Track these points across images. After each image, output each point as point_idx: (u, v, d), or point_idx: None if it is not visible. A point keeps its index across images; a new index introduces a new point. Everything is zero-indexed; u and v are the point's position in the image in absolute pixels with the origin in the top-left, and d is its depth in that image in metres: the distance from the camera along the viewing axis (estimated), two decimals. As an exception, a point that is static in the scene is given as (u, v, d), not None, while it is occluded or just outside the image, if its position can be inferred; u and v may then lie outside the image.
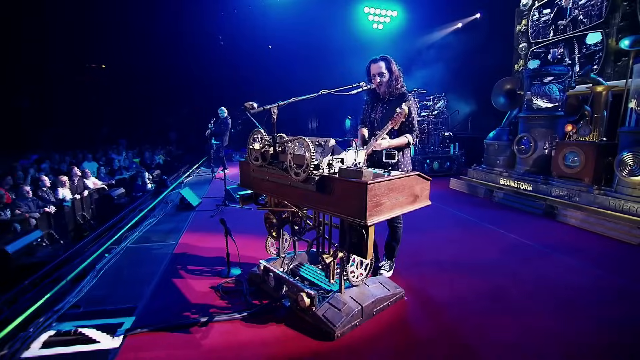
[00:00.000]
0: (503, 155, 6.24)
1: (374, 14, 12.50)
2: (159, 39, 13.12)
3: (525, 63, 8.69)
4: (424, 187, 2.32)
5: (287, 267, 2.93)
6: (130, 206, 5.93)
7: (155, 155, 12.16)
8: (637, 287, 2.90)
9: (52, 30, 11.94)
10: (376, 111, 2.82)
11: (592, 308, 2.59)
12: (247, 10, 12.68)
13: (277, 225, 2.67)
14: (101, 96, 14.29)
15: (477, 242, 3.99)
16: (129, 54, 13.59)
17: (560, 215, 4.74)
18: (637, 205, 4.13)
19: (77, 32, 12.27)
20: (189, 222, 4.89)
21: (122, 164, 10.06)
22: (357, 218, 1.95)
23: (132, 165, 10.35)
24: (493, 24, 9.81)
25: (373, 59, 2.78)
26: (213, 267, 3.31)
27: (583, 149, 4.83)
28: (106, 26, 12.38)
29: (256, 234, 4.08)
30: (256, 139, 2.59)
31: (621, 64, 6.32)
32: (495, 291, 2.84)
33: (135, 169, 9.55)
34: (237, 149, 13.73)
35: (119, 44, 13.22)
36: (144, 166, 10.34)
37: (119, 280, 3.11)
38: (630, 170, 4.22)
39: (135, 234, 4.35)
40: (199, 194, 6.25)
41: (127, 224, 4.69)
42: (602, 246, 3.85)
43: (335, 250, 2.31)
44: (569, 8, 7.37)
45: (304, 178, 2.13)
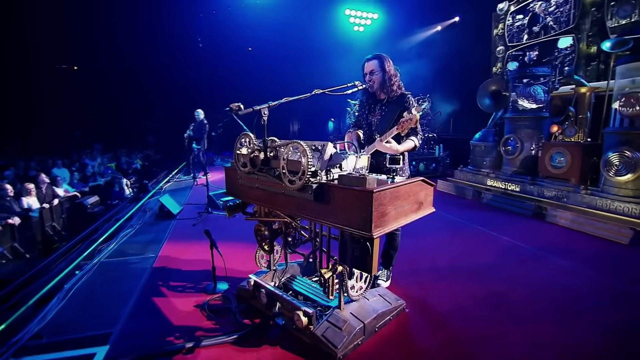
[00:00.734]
0: (489, 156, 6.22)
1: (355, 16, 12.44)
2: (135, 40, 12.58)
3: (503, 65, 8.86)
4: (427, 193, 2.15)
5: (279, 280, 2.70)
6: (105, 216, 5.52)
7: (133, 160, 11.60)
8: (633, 289, 2.84)
9: (18, 30, 11.20)
10: (374, 113, 2.64)
11: (590, 312, 2.51)
12: (227, 12, 12.34)
13: (269, 237, 2.44)
14: (73, 99, 13.52)
15: (472, 246, 3.89)
16: (103, 54, 12.94)
17: (550, 215, 4.72)
18: (624, 205, 4.14)
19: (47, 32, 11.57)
20: (170, 231, 4.56)
21: (96, 170, 9.50)
22: (361, 230, 1.75)
23: (107, 171, 9.80)
24: (471, 27, 9.94)
25: (367, 57, 2.61)
26: (197, 282, 3.03)
27: (569, 149, 4.84)
28: (77, 26, 11.73)
29: (243, 243, 3.82)
30: (244, 144, 2.36)
31: (591, 68, 6.58)
32: (494, 298, 2.72)
33: (111, 175, 9.03)
34: (218, 152, 13.34)
35: (91, 44, 12.56)
36: (120, 172, 9.81)
37: (91, 302, 2.79)
38: (616, 170, 4.23)
39: (110, 247, 4.00)
40: (179, 201, 5.90)
41: (101, 235, 4.33)
42: (594, 247, 3.83)
43: (335, 264, 2.10)
44: (540, 15, 7.65)
45: (300, 186, 1.92)
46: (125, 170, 10.25)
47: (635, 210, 4.04)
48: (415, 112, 2.22)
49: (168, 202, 5.36)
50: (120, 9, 11.48)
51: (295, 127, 16.92)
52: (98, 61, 13.30)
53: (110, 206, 6.81)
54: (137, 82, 13.81)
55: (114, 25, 11.93)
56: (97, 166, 9.90)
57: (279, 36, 12.91)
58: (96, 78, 13.67)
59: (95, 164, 10.01)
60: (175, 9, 11.93)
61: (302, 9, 12.02)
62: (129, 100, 14.14)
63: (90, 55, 13.17)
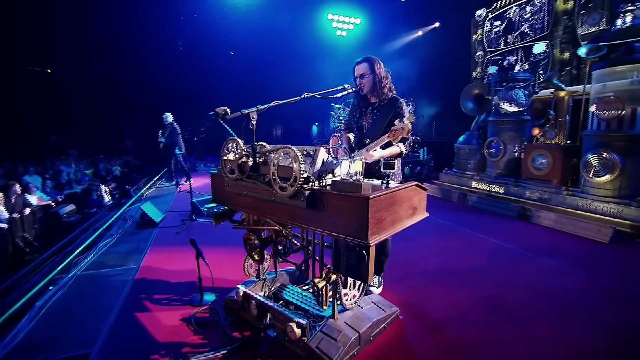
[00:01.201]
0: (474, 158, 6.31)
1: (337, 20, 12.49)
2: (113, 42, 12.18)
3: (482, 70, 9.11)
4: (421, 197, 2.12)
5: (269, 290, 2.61)
6: (82, 225, 5.26)
7: (111, 166, 11.19)
8: (623, 288, 2.90)
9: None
10: (365, 116, 2.59)
11: (587, 312, 2.54)
12: (208, 15, 12.15)
13: (259, 246, 2.34)
14: (47, 102, 12.93)
15: (462, 249, 3.89)
16: (79, 56, 12.45)
17: (534, 216, 4.81)
18: (603, 205, 4.26)
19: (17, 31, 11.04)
20: (152, 240, 4.37)
21: (72, 177, 9.09)
22: (357, 238, 1.69)
23: (84, 178, 9.39)
24: (451, 33, 10.16)
25: (357, 60, 2.56)
26: (183, 294, 2.89)
27: (550, 151, 4.96)
28: (51, 26, 11.25)
29: (230, 252, 3.70)
30: (231, 149, 2.26)
31: (565, 73, 6.90)
32: (489, 301, 2.71)
33: (89, 182, 8.65)
34: (200, 157, 13.06)
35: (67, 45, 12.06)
36: (98, 178, 9.43)
37: (67, 319, 2.60)
38: (595, 171, 4.35)
39: (88, 259, 3.79)
40: (161, 209, 5.69)
41: (78, 246, 4.10)
42: (578, 246, 3.91)
43: (328, 273, 2.03)
44: (517, 21, 7.94)
45: (292, 193, 1.84)
46: (104, 177, 9.86)
47: (614, 210, 4.17)
48: (407, 121, 2.17)
49: (150, 209, 5.15)
50: (98, 9, 11.09)
51: (278, 131, 16.80)
52: (74, 63, 12.79)
53: (87, 215, 6.50)
54: (115, 85, 13.37)
55: (91, 26, 11.51)
56: (72, 173, 9.47)
57: (262, 40, 12.82)
58: (72, 81, 13.14)
59: (71, 171, 9.58)
60: (155, 10, 11.63)
61: (285, 13, 11.99)
62: (107, 104, 13.67)
63: (65, 57, 12.65)
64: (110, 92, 13.43)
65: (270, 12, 11.72)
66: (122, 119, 14.54)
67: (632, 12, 5.63)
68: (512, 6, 8.12)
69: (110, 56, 12.62)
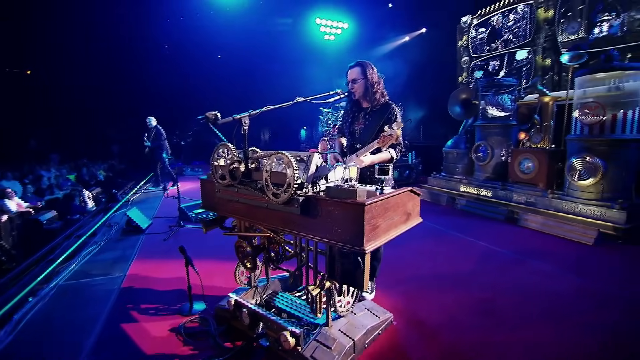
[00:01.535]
0: (462, 162, 6.39)
1: (325, 25, 12.54)
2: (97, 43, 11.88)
3: (468, 75, 9.31)
4: (415, 203, 2.11)
5: (260, 297, 2.56)
6: (64, 232, 5.07)
7: (95, 170, 10.89)
8: (608, 290, 2.95)
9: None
10: (357, 121, 2.58)
11: (574, 315, 2.57)
12: (196, 18, 12.03)
13: (251, 254, 2.29)
14: (27, 105, 12.51)
15: (452, 253, 3.92)
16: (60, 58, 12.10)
17: (522, 220, 4.89)
18: (587, 207, 4.37)
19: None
20: (139, 248, 4.25)
21: (53, 182, 8.80)
22: (352, 245, 1.66)
23: (66, 183, 9.10)
24: (437, 38, 10.34)
25: (350, 64, 2.56)
26: (172, 303, 2.81)
27: (536, 155, 5.07)
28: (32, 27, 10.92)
29: (220, 259, 3.62)
30: (222, 155, 2.21)
31: (547, 79, 7.11)
32: (481, 305, 2.72)
33: (71, 187, 8.39)
34: (187, 162, 12.87)
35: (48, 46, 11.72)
36: (81, 183, 9.15)
37: (48, 333, 2.49)
38: (579, 174, 4.46)
39: (70, 268, 3.65)
40: (148, 215, 5.56)
41: (60, 255, 3.94)
42: (565, 249, 3.98)
43: (322, 280, 2.00)
44: (500, 28, 8.21)
45: (286, 199, 1.81)
46: (87, 182, 9.58)
47: (597, 212, 4.28)
48: (396, 127, 2.16)
49: (136, 215, 5.02)
50: (81, 9, 10.82)
51: (266, 135, 16.72)
52: (55, 64, 12.42)
53: (70, 221, 6.28)
54: (100, 87, 13.04)
55: (73, 26, 11.21)
56: (53, 178, 9.17)
57: (250, 44, 12.77)
58: (53, 83, 12.75)
59: (52, 176, 9.27)
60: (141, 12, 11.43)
61: (273, 17, 11.97)
62: (91, 107, 13.31)
63: (46, 59, 12.28)
64: (94, 94, 13.09)
65: (258, 16, 11.69)
66: (106, 122, 14.19)
67: (608, 22, 5.87)
68: (496, 13, 8.34)
69: (94, 58, 12.31)
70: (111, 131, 14.32)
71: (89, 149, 13.10)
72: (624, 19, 5.76)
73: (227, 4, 11.06)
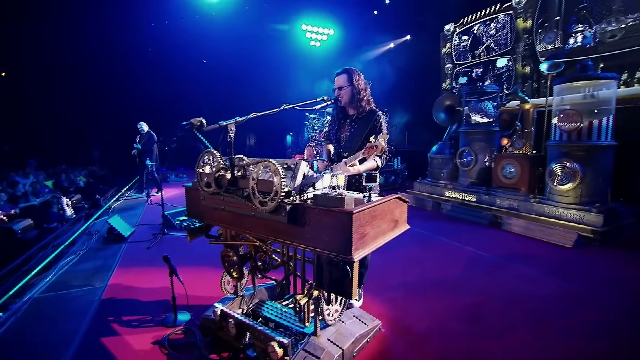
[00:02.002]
0: (446, 168, 6.50)
1: (311, 31, 12.63)
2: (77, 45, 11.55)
3: (451, 82, 9.54)
4: (402, 210, 2.13)
5: (247, 307, 2.52)
6: (40, 242, 4.87)
7: (75, 176, 10.55)
8: (587, 292, 3.03)
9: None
10: (343, 129, 2.59)
11: (557, 319, 2.62)
12: (180, 22, 11.91)
13: (238, 263, 2.25)
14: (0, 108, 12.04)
15: (439, 258, 3.96)
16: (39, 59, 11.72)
17: (505, 224, 5.00)
18: (567, 211, 4.50)
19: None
20: (120, 257, 4.13)
21: (28, 189, 8.46)
22: (340, 253, 1.66)
23: (43, 190, 8.77)
24: (422, 45, 10.55)
25: (337, 71, 2.57)
26: (155, 314, 2.73)
27: (518, 160, 5.20)
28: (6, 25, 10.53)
29: (205, 267, 3.56)
30: (207, 162, 2.17)
31: (527, 86, 7.42)
32: (468, 310, 2.75)
33: (49, 194, 8.09)
34: (171, 168, 12.65)
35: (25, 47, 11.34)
36: (60, 190, 8.84)
37: (20, 351, 2.38)
38: (559, 179, 4.59)
39: (47, 279, 3.50)
40: (130, 222, 5.41)
41: (35, 266, 3.78)
42: (546, 252, 4.08)
43: (310, 289, 1.98)
44: (482, 36, 8.43)
45: (273, 207, 1.79)
46: (66, 189, 9.27)
47: (577, 216, 4.41)
48: (381, 139, 2.17)
49: (118, 223, 4.88)
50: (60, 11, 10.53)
51: (251, 140, 16.62)
52: (32, 66, 12.01)
53: (47, 230, 6.04)
54: (80, 91, 12.67)
55: (52, 27, 10.89)
56: (29, 184, 8.83)
57: (236, 49, 12.71)
58: (30, 86, 12.32)
59: (28, 182, 8.93)
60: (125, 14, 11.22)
61: (259, 23, 11.97)
62: (71, 111, 12.92)
63: (22, 60, 11.87)
64: (75, 97, 12.71)
65: (244, 21, 11.67)
66: (87, 127, 13.79)
67: (582, 33, 6.14)
68: (478, 22, 8.59)
69: (74, 60, 11.96)
70: (92, 136, 13.92)
71: (69, 154, 12.69)
72: (596, 30, 6.04)
73: (213, 8, 11.00)
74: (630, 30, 5.66)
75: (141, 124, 8.39)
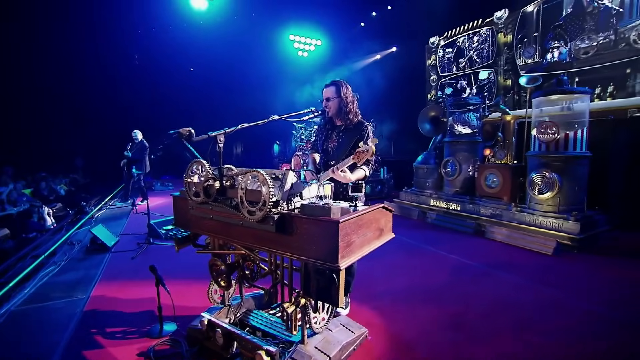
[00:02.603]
0: (431, 177, 6.65)
1: (299, 41, 12.82)
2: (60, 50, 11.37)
3: (436, 93, 9.81)
4: (387, 219, 2.19)
5: (234, 316, 2.52)
6: (18, 253, 4.74)
7: (56, 184, 10.29)
8: (566, 298, 3.15)
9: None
10: (331, 139, 2.67)
11: (544, 323, 2.72)
12: (168, 30, 11.92)
13: (226, 272, 2.27)
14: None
15: (424, 266, 4.04)
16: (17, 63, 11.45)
17: (488, 232, 5.14)
18: (546, 220, 4.67)
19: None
20: (104, 267, 4.07)
21: (4, 198, 8.21)
22: (327, 261, 1.71)
23: (21, 199, 8.52)
24: (407, 57, 10.84)
25: (326, 83, 2.65)
26: (140, 325, 2.70)
27: (500, 170, 5.38)
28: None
29: (191, 277, 3.54)
30: (196, 171, 2.21)
31: (508, 98, 7.78)
32: (455, 318, 2.82)
33: (28, 202, 7.87)
34: (157, 176, 12.48)
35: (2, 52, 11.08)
36: (39, 199, 8.60)
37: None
38: (539, 189, 4.77)
39: (25, 291, 3.42)
40: (114, 231, 5.33)
41: (12, 277, 3.67)
42: (528, 259, 4.21)
43: (298, 297, 2.02)
44: (465, 49, 8.75)
45: (261, 217, 1.83)
46: (46, 197, 9.03)
47: (555, 224, 4.59)
48: (371, 143, 2.25)
49: (101, 232, 4.80)
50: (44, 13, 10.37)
51: (238, 149, 16.58)
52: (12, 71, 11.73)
53: (25, 240, 5.88)
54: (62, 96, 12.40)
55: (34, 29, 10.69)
56: (5, 193, 8.57)
57: (223, 57, 12.76)
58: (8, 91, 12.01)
59: (6, 191, 8.66)
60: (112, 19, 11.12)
61: (246, 32, 12.08)
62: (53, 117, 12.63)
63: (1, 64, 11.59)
64: (56, 103, 12.44)
65: (232, 29, 11.77)
66: (68, 134, 13.49)
67: (558, 49, 6.48)
68: (462, 35, 8.91)
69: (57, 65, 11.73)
70: (75, 143, 13.62)
71: (50, 161, 12.36)
72: (571, 47, 6.38)
73: (201, 17, 11.07)
74: (602, 47, 6.00)
75: (135, 132, 8.38)
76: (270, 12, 11.49)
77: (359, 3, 11.04)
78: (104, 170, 12.26)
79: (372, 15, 11.46)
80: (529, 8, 7.27)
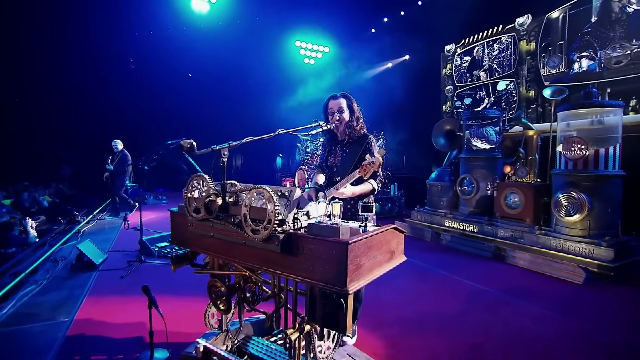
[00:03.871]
0: (446, 196, 6.68)
1: (305, 48, 13.09)
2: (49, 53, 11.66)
3: (452, 104, 9.91)
4: (399, 241, 2.24)
5: (232, 343, 2.54)
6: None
7: (39, 195, 10.45)
8: (598, 333, 3.13)
9: None
10: (335, 155, 2.74)
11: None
12: (166, 33, 12.23)
13: (226, 294, 2.31)
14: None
15: (438, 292, 4.04)
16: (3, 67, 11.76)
17: (509, 257, 5.13)
18: (575, 245, 4.65)
19: None
20: (90, 286, 4.11)
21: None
22: (334, 285, 1.75)
23: (0, 210, 8.66)
24: (421, 66, 10.98)
25: (333, 95, 2.74)
26: (129, 352, 2.73)
27: (522, 189, 5.41)
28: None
29: (185, 299, 3.57)
30: (196, 186, 2.28)
31: (531, 110, 7.82)
32: (470, 351, 2.81)
33: (7, 214, 7.98)
34: (150, 189, 12.60)
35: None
36: (19, 210, 8.73)
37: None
38: (566, 210, 4.78)
39: (2, 312, 3.45)
40: (103, 248, 5.39)
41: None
42: (554, 288, 4.19)
43: (302, 323, 2.04)
44: (483, 58, 9.00)
45: (266, 236, 1.88)
46: (28, 209, 9.16)
47: (586, 250, 4.55)
48: (378, 155, 2.32)
49: (88, 249, 4.86)
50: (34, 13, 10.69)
51: (238, 161, 16.74)
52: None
53: (4, 256, 5.96)
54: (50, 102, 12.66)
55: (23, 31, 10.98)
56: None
57: (225, 63, 13.02)
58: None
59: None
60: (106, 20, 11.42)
61: (250, 38, 12.35)
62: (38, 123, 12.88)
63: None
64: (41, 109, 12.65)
65: (234, 34, 12.04)
66: (55, 142, 13.73)
67: (586, 58, 6.56)
68: (481, 43, 9.06)
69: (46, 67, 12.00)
70: (61, 151, 13.85)
71: (33, 170, 12.54)
72: (601, 56, 6.45)
73: (202, 20, 11.33)
74: (635, 56, 6.03)
75: (115, 142, 8.41)
76: (275, 16, 11.76)
77: (369, 8, 11.29)
78: (92, 181, 12.38)
79: (384, 21, 11.72)
80: (554, 14, 7.37)
